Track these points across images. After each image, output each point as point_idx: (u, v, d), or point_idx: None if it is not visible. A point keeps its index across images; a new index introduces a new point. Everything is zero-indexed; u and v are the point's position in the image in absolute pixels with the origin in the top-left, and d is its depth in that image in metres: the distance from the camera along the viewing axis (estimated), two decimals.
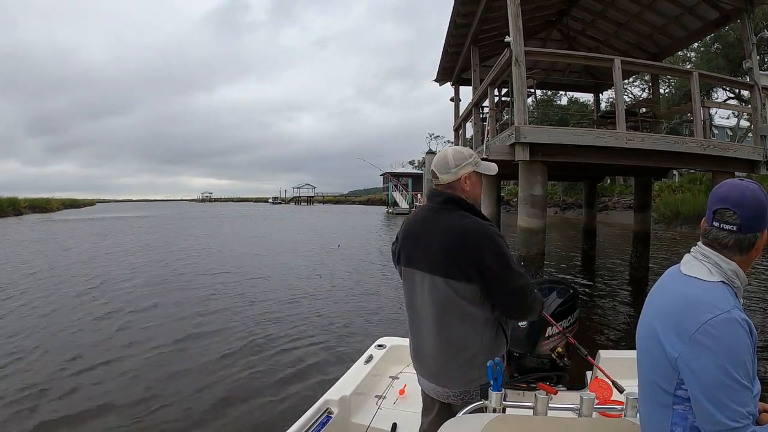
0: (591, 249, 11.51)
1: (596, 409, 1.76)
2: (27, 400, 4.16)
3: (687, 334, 1.14)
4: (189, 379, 4.61)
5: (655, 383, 1.24)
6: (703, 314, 1.14)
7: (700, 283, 1.22)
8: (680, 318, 1.18)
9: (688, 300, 1.20)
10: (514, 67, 6.18)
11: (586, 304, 7.66)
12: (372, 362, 2.99)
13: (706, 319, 1.13)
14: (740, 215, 1.21)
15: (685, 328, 1.15)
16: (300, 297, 8.35)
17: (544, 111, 28.52)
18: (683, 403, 1.20)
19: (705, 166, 7.66)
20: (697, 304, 1.17)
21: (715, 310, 1.13)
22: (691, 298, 1.20)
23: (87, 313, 7.11)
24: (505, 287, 1.85)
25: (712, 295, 1.19)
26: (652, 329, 1.26)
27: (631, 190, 25.32)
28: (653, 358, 1.25)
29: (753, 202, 1.22)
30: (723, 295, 1.18)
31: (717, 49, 23.38)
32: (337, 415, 2.42)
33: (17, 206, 42.07)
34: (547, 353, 2.69)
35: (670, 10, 8.81)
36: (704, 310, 1.15)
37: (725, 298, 1.18)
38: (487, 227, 1.90)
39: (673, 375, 1.19)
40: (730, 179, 1.30)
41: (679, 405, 1.21)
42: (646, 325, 1.32)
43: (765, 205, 1.23)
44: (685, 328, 1.15)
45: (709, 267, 1.24)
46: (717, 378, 1.10)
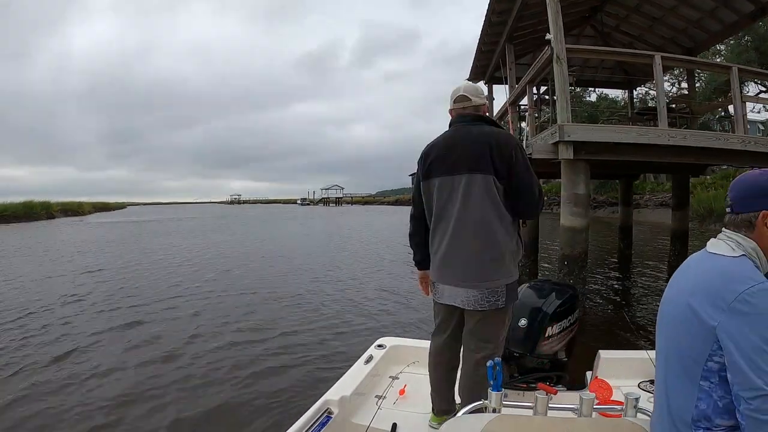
0: (627, 248, 11.34)
1: (596, 409, 1.76)
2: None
3: (725, 303, 1.18)
4: (188, 379, 4.60)
5: (686, 355, 1.27)
6: (739, 285, 1.18)
7: (727, 259, 1.28)
8: (716, 289, 1.22)
9: (721, 272, 1.25)
10: (555, 64, 6.15)
11: (617, 305, 7.57)
12: (372, 362, 2.98)
13: (743, 289, 1.17)
14: (731, 197, 1.35)
15: (723, 298, 1.19)
16: (301, 297, 8.35)
17: (573, 108, 28.09)
18: (709, 378, 1.23)
19: (746, 162, 7.51)
20: (732, 276, 1.22)
21: (750, 281, 1.18)
22: (725, 271, 1.25)
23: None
24: (527, 185, 2.19)
25: (743, 267, 1.24)
26: (684, 303, 1.29)
27: (663, 188, 25.01)
28: (686, 330, 1.28)
29: (744, 185, 1.34)
30: (753, 268, 1.25)
31: (747, 42, 22.79)
32: (337, 415, 2.40)
33: (50, 210, 43.00)
34: (547, 353, 2.71)
35: (705, 4, 8.66)
36: (740, 281, 1.19)
37: (756, 270, 1.24)
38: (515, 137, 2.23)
39: (707, 345, 1.21)
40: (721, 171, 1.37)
41: (705, 381, 1.24)
42: (674, 301, 1.36)
43: (762, 188, 1.30)
44: (723, 298, 1.19)
45: (732, 245, 1.31)
46: (756, 344, 1.13)
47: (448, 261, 2.25)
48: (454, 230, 2.21)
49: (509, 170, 2.14)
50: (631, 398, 1.65)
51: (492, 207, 2.15)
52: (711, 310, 1.21)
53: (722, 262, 1.28)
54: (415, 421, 2.46)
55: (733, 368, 1.17)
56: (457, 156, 2.21)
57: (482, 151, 2.15)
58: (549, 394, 1.80)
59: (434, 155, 2.31)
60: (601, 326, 6.41)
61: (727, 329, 1.17)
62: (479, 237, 2.16)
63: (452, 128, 2.35)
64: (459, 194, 2.19)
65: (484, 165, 2.14)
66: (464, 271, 2.20)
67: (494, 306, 2.17)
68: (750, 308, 1.15)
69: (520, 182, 2.17)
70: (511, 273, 2.21)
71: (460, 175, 2.19)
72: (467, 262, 2.19)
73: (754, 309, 1.15)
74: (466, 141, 2.21)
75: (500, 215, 2.16)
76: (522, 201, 2.21)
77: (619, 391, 2.18)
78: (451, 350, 2.41)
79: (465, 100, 2.32)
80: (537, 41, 9.84)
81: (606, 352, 2.89)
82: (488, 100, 12.02)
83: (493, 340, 2.24)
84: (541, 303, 2.75)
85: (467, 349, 2.31)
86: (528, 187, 2.19)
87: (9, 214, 36.46)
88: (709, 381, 1.23)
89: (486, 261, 2.16)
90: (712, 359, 1.22)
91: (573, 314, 2.85)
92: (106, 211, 67.12)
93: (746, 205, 1.32)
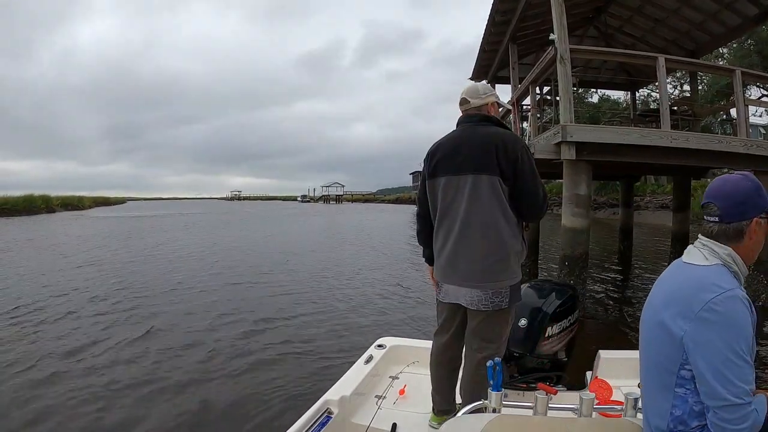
0: (628, 249, 11.36)
1: (596, 409, 1.75)
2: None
3: (692, 313, 1.19)
4: (187, 378, 4.58)
5: (660, 364, 1.28)
6: (706, 293, 1.19)
7: (699, 268, 1.28)
8: (684, 299, 1.23)
9: (690, 282, 1.26)
10: (559, 65, 6.16)
11: (617, 305, 7.58)
12: (372, 362, 2.97)
13: (709, 298, 1.17)
14: (720, 206, 1.29)
15: (690, 308, 1.20)
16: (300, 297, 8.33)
17: (575, 109, 28.06)
18: (684, 385, 1.24)
19: (748, 165, 7.51)
20: (700, 285, 1.22)
21: (717, 289, 1.18)
22: (693, 281, 1.26)
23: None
24: (532, 187, 2.19)
25: (713, 276, 1.24)
26: (657, 314, 1.30)
27: (663, 190, 25.00)
28: (659, 340, 1.29)
29: (732, 193, 1.29)
30: (723, 276, 1.24)
31: (750, 45, 22.77)
32: (337, 415, 2.39)
33: (50, 204, 42.97)
34: (547, 353, 2.71)
35: (708, 7, 8.67)
36: (707, 289, 1.19)
37: (727, 278, 1.23)
38: (521, 138, 2.29)
39: (678, 355, 1.22)
40: (720, 176, 1.35)
41: (681, 388, 1.24)
42: (651, 312, 1.37)
43: (747, 195, 1.28)
44: (690, 307, 1.20)
45: (705, 253, 1.30)
46: (722, 354, 1.14)
47: (453, 260, 2.26)
48: (460, 230, 2.22)
49: (515, 172, 2.15)
50: (631, 398, 1.65)
51: (498, 208, 2.15)
52: (680, 319, 1.21)
53: (695, 273, 1.28)
54: (415, 421, 2.45)
55: (700, 378, 1.18)
56: (463, 156, 2.22)
57: (488, 152, 2.15)
58: (549, 394, 1.80)
59: (440, 154, 2.32)
60: (601, 326, 6.42)
61: (693, 338, 1.18)
62: (486, 237, 2.16)
63: (459, 128, 2.35)
64: (465, 194, 2.19)
65: (490, 166, 2.14)
66: (469, 271, 2.20)
67: (498, 307, 2.18)
68: (716, 317, 1.15)
69: (524, 184, 2.18)
70: (515, 274, 2.22)
71: (466, 176, 2.19)
72: (472, 262, 2.19)
73: (720, 317, 1.15)
74: (473, 141, 2.21)
75: (506, 216, 2.17)
76: (526, 203, 2.21)
77: (619, 391, 2.17)
78: (454, 350, 2.41)
79: (465, 103, 2.34)
80: (540, 41, 9.83)
81: (606, 352, 2.88)
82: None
83: (496, 341, 2.24)
84: (541, 303, 2.75)
85: (469, 348, 2.31)
86: (533, 190, 2.19)
87: (9, 207, 36.47)
88: (684, 388, 1.24)
89: (491, 261, 2.16)
90: (684, 368, 1.22)
91: (573, 314, 2.84)
92: (106, 206, 67.06)
93: (736, 215, 1.29)
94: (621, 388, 2.13)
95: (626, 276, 10.04)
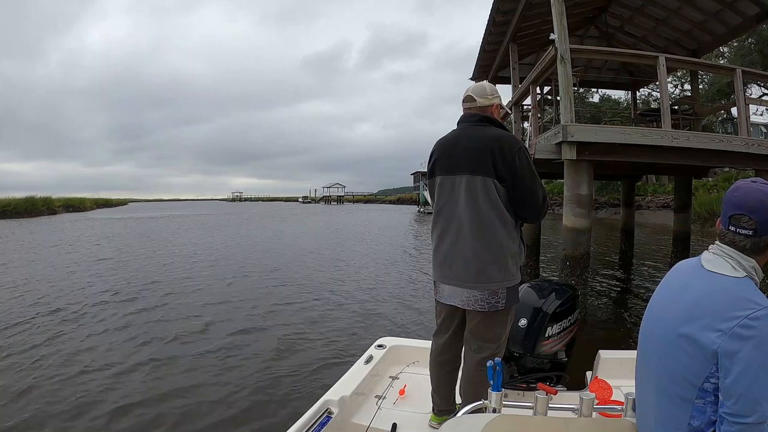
0: (629, 249, 11.34)
1: (596, 409, 1.75)
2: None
3: (728, 327, 1.15)
4: (187, 378, 4.60)
5: (679, 376, 1.24)
6: (742, 309, 1.15)
7: (729, 279, 1.24)
8: (716, 312, 1.19)
9: (725, 295, 1.21)
10: (559, 65, 6.15)
11: (617, 305, 7.56)
12: (372, 362, 2.97)
13: (746, 314, 1.14)
14: (757, 221, 1.24)
15: (725, 321, 1.16)
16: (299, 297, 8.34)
17: (576, 109, 28.05)
18: (705, 397, 1.21)
19: (749, 165, 7.50)
20: (735, 299, 1.19)
21: (755, 306, 1.15)
22: (724, 293, 1.22)
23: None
24: (530, 189, 2.17)
25: (746, 290, 1.21)
26: (680, 325, 1.26)
27: (665, 190, 24.97)
28: (681, 352, 1.24)
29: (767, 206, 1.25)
30: (756, 291, 1.21)
31: (751, 44, 22.74)
32: (337, 415, 2.40)
33: (51, 205, 43.04)
34: (547, 353, 2.70)
35: (710, 6, 8.65)
36: (743, 305, 1.16)
37: (759, 294, 1.21)
38: (519, 140, 2.26)
39: (706, 368, 1.19)
40: (742, 182, 1.30)
41: (700, 399, 1.22)
42: (668, 321, 1.31)
43: None
44: (725, 321, 1.16)
45: (733, 264, 1.26)
46: (753, 371, 1.12)
47: (449, 261, 2.26)
48: (456, 231, 2.22)
49: (512, 173, 2.13)
50: (631, 398, 1.64)
51: (493, 209, 2.14)
52: (712, 334, 1.18)
53: (723, 284, 1.24)
54: (415, 421, 2.45)
55: (727, 392, 1.16)
56: (459, 156, 2.22)
57: (484, 154, 2.14)
58: (549, 394, 1.79)
59: (438, 154, 2.33)
60: (601, 326, 6.41)
61: (728, 352, 1.15)
62: (480, 238, 2.16)
63: (458, 128, 2.35)
64: (460, 195, 2.19)
65: (485, 167, 2.14)
66: (464, 272, 2.20)
67: (494, 308, 2.18)
68: (752, 333, 1.13)
69: (523, 185, 2.16)
70: (512, 276, 2.21)
71: (461, 176, 2.19)
72: (467, 262, 2.19)
73: (757, 334, 1.13)
74: (469, 142, 2.21)
75: (502, 217, 2.16)
76: (525, 204, 2.20)
77: (619, 391, 2.17)
78: (453, 350, 2.41)
79: (470, 101, 2.33)
80: (541, 41, 9.84)
81: (606, 352, 2.88)
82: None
83: (495, 341, 2.24)
84: (541, 303, 2.74)
85: (469, 349, 2.30)
86: (531, 191, 2.18)
87: (11, 209, 36.53)
88: (704, 400, 1.22)
89: (487, 262, 2.16)
90: (709, 380, 1.20)
91: (573, 314, 2.84)
92: (107, 207, 67.17)
93: None
94: (621, 388, 2.12)
95: (627, 276, 10.02)
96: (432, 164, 2.35)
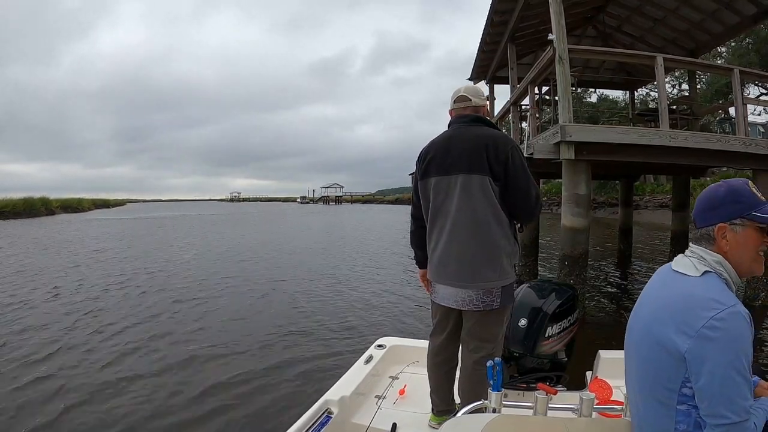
0: (627, 249, 11.37)
1: (596, 409, 1.75)
2: None
3: (693, 330, 1.14)
4: (184, 378, 4.58)
5: (659, 382, 1.24)
6: (706, 310, 1.15)
7: (690, 280, 1.25)
8: (681, 314, 1.19)
9: (686, 296, 1.22)
10: (558, 65, 6.16)
11: (617, 305, 7.57)
12: (372, 362, 2.98)
13: (711, 315, 1.13)
14: (693, 211, 1.33)
15: (690, 324, 1.15)
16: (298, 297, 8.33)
17: (574, 109, 28.09)
18: (687, 402, 1.20)
19: (747, 164, 7.52)
20: (700, 300, 1.18)
21: (718, 306, 1.15)
22: (687, 294, 1.22)
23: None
24: (523, 188, 2.18)
25: (708, 289, 1.21)
26: (651, 330, 1.26)
27: (662, 189, 25.03)
28: (657, 358, 1.24)
29: (703, 198, 1.32)
30: (720, 289, 1.21)
31: (748, 44, 22.78)
32: (337, 415, 2.40)
33: (49, 206, 42.92)
34: (547, 353, 2.71)
35: (707, 6, 8.68)
36: (706, 306, 1.16)
37: (724, 292, 1.21)
38: (512, 139, 2.32)
39: (680, 373, 1.19)
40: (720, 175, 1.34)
41: (683, 405, 1.21)
42: (642, 326, 1.32)
43: (717, 199, 1.28)
44: (690, 323, 1.15)
45: (694, 262, 1.28)
46: (723, 371, 1.12)
47: (445, 260, 2.26)
48: (451, 230, 2.22)
49: (505, 172, 2.15)
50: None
51: (488, 208, 2.15)
52: (678, 338, 1.17)
53: (685, 285, 1.25)
54: (415, 421, 2.45)
55: (700, 395, 1.16)
56: (454, 156, 2.22)
57: (478, 152, 2.15)
58: (549, 394, 1.78)
59: (432, 155, 2.32)
60: (601, 326, 6.41)
61: (696, 355, 1.14)
62: (476, 237, 2.16)
63: (451, 129, 2.36)
64: (455, 194, 2.20)
65: (481, 166, 2.15)
66: (459, 271, 2.20)
67: (489, 307, 2.18)
68: (718, 333, 1.12)
69: (516, 184, 2.17)
70: (507, 275, 2.21)
71: (457, 176, 2.20)
72: (462, 261, 2.19)
73: (722, 334, 1.12)
74: (464, 142, 2.22)
75: (497, 216, 2.17)
76: (518, 203, 2.21)
77: (619, 391, 2.17)
78: (449, 350, 2.42)
79: (465, 101, 2.34)
80: (539, 41, 9.86)
81: (606, 352, 2.87)
82: (489, 100, 12.05)
83: (492, 340, 2.25)
84: (541, 303, 2.74)
85: (466, 349, 2.31)
86: (524, 190, 2.19)
87: (9, 210, 36.44)
88: (687, 404, 1.21)
89: (481, 261, 2.17)
90: (686, 385, 1.19)
91: (573, 314, 2.84)
92: (105, 208, 66.98)
93: (704, 219, 1.30)
94: (621, 388, 2.12)
95: (626, 275, 10.05)
96: (425, 166, 2.34)
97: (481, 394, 1.91)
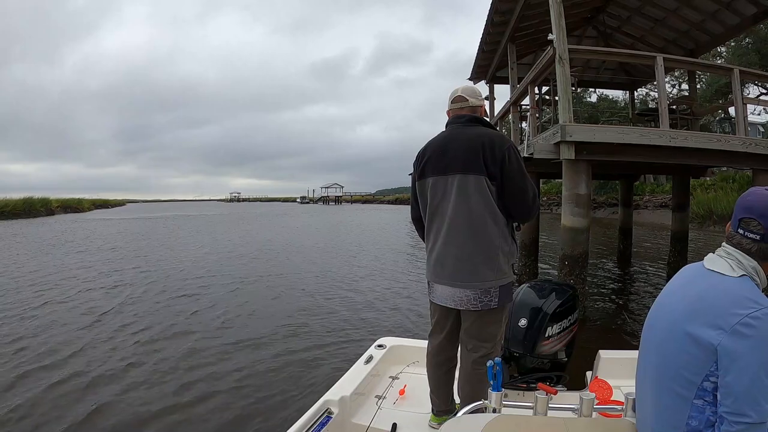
0: (627, 248, 11.36)
1: (596, 409, 1.75)
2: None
3: (728, 326, 1.15)
4: (183, 378, 4.60)
5: (679, 375, 1.24)
6: (742, 308, 1.16)
7: (728, 279, 1.25)
8: (715, 310, 1.20)
9: (723, 293, 1.22)
10: (558, 65, 6.16)
11: (617, 305, 7.58)
12: (372, 362, 2.98)
13: (747, 313, 1.14)
14: (765, 226, 1.25)
15: (724, 320, 1.16)
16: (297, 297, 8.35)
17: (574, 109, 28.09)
18: (703, 397, 1.21)
19: (747, 164, 7.52)
20: (735, 297, 1.19)
21: (755, 305, 1.15)
22: (722, 291, 1.23)
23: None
24: (520, 187, 2.18)
25: (745, 289, 1.21)
26: (679, 323, 1.26)
27: (662, 189, 25.02)
28: (682, 351, 1.24)
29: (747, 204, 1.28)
30: (756, 291, 1.21)
31: (748, 44, 22.77)
32: (337, 415, 2.41)
33: (49, 206, 42.92)
34: (547, 353, 2.71)
35: (707, 6, 8.67)
36: (742, 304, 1.17)
37: (760, 293, 1.21)
38: (509, 139, 2.31)
39: (706, 366, 1.19)
40: (757, 188, 1.31)
41: (699, 399, 1.21)
42: (668, 320, 1.32)
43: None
44: (724, 319, 1.16)
45: (731, 263, 1.27)
46: (753, 371, 1.12)
47: (442, 260, 2.26)
48: (448, 230, 2.22)
49: (502, 171, 2.15)
50: (631, 398, 1.64)
51: (485, 208, 2.15)
52: (712, 331, 1.18)
53: (723, 283, 1.25)
54: (415, 421, 2.45)
55: (726, 391, 1.16)
56: (451, 156, 2.22)
57: (475, 152, 2.15)
58: (549, 394, 1.79)
59: (429, 155, 2.32)
60: (601, 326, 6.40)
61: (729, 351, 1.15)
62: (473, 237, 2.16)
63: (447, 129, 2.36)
64: (452, 194, 2.20)
65: (477, 166, 2.15)
66: (457, 271, 2.21)
67: (487, 306, 2.18)
68: (752, 332, 1.13)
69: (513, 184, 2.17)
70: (505, 274, 2.21)
71: (453, 176, 2.20)
72: (460, 261, 2.20)
73: (757, 333, 1.13)
74: (460, 142, 2.22)
75: (494, 216, 2.17)
76: (515, 203, 2.21)
77: (619, 391, 2.17)
78: (448, 350, 2.42)
79: (462, 101, 2.34)
80: (539, 41, 9.86)
81: (606, 352, 2.88)
82: (489, 100, 12.05)
83: (490, 340, 2.25)
84: (541, 303, 2.74)
85: (464, 349, 2.31)
86: (521, 190, 2.19)
87: (9, 210, 36.43)
88: (703, 399, 1.21)
89: (479, 261, 2.17)
90: (708, 379, 1.20)
91: (573, 314, 2.84)
92: (105, 208, 66.94)
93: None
94: (621, 388, 2.12)
95: (626, 275, 10.04)
96: (422, 166, 2.35)
97: (480, 394, 1.91)
